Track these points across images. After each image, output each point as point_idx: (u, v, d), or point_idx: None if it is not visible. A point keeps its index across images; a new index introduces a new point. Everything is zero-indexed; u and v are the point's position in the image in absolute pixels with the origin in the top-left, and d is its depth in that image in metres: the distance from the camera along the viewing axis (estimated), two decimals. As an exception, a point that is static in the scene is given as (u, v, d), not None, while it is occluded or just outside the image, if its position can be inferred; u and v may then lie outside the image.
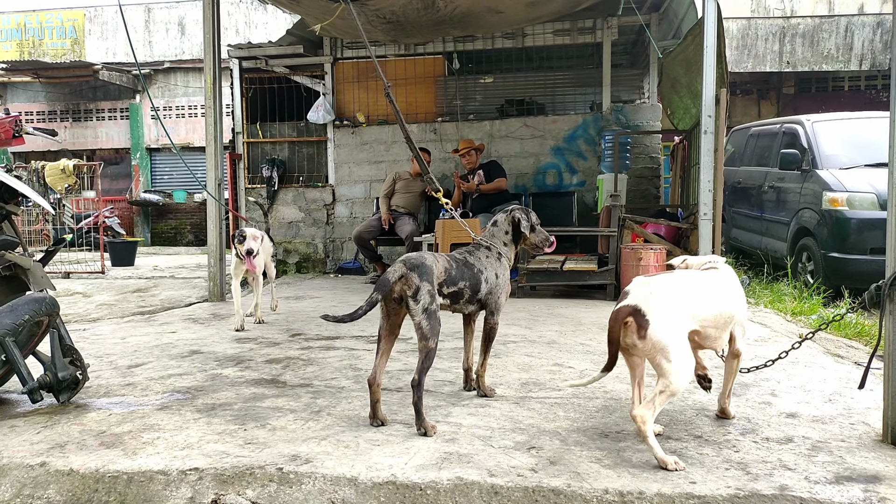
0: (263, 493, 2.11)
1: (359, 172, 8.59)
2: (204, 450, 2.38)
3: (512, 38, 8.25)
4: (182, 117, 16.15)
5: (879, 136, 5.52)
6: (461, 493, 2.06)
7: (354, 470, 2.19)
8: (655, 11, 7.90)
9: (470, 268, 2.83)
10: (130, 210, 15.34)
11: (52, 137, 3.90)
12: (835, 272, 6.06)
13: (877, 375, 3.27)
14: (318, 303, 6.06)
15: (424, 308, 2.56)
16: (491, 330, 2.97)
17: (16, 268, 3.09)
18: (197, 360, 3.78)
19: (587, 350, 3.92)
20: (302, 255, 8.83)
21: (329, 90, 8.65)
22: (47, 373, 2.83)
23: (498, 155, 8.12)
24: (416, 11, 6.30)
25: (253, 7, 15.65)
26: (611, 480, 2.09)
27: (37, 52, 16.32)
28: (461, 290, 2.78)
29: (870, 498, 1.97)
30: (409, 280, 2.57)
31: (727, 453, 2.31)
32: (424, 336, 2.55)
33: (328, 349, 4.06)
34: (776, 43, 13.27)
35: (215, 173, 6.17)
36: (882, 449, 2.34)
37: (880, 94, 13.70)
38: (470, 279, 2.80)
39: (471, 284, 2.81)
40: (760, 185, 7.81)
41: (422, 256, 2.67)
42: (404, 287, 2.57)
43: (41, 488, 2.20)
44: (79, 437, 2.55)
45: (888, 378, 2.43)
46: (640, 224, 6.33)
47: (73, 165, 10.41)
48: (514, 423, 2.63)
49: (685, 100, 7.13)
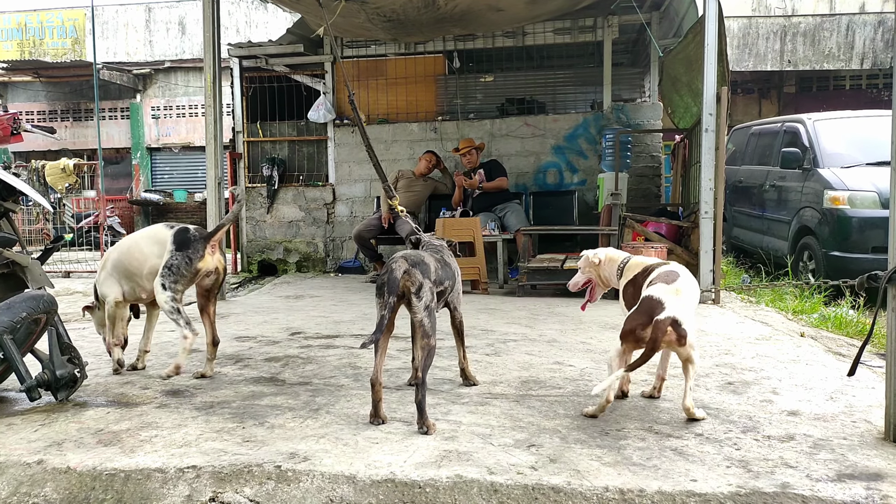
0: (261, 490, 2.10)
1: (359, 171, 8.58)
2: (202, 448, 2.37)
3: (512, 36, 8.23)
4: (182, 117, 16.17)
5: (881, 135, 5.50)
6: (460, 490, 2.05)
7: (353, 468, 2.17)
8: (656, 10, 7.88)
9: (448, 266, 2.84)
10: (131, 209, 15.34)
11: (51, 135, 3.89)
12: (836, 271, 6.04)
13: (879, 374, 3.26)
14: (318, 302, 6.05)
15: (426, 305, 2.57)
16: (461, 323, 3.10)
17: (14, 265, 3.08)
18: (195, 359, 3.76)
19: (588, 349, 3.91)
20: (302, 255, 8.82)
21: (329, 89, 8.64)
22: (45, 371, 2.82)
23: (498, 154, 8.11)
24: (416, 10, 6.29)
25: (253, 6, 15.65)
26: (611, 478, 2.07)
27: (37, 52, 16.33)
28: (445, 288, 2.80)
29: (872, 496, 1.95)
30: (413, 277, 2.56)
31: (728, 451, 2.29)
32: (426, 333, 2.55)
33: (327, 347, 4.05)
34: (777, 42, 13.26)
35: (215, 172, 6.15)
36: (884, 447, 2.33)
37: (881, 93, 13.68)
38: (450, 278, 2.82)
39: (451, 283, 2.84)
40: (762, 184, 7.79)
41: (419, 254, 2.67)
42: (407, 283, 2.56)
43: (38, 486, 2.19)
44: (76, 434, 2.54)
45: (890, 376, 2.41)
46: (641, 223, 6.31)
47: (73, 165, 10.41)
48: (514, 421, 2.62)
49: (686, 98, 7.11)
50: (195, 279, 3.24)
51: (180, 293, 3.20)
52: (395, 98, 8.63)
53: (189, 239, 3.19)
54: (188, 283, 3.24)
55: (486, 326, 4.63)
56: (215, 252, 3.28)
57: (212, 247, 3.25)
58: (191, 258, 3.15)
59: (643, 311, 2.53)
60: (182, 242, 3.18)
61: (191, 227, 3.30)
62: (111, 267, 3.40)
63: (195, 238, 3.20)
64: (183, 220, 15.13)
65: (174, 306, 3.16)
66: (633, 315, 2.58)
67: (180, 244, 3.17)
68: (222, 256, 3.36)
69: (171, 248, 3.18)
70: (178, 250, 3.16)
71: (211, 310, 3.40)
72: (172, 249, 3.17)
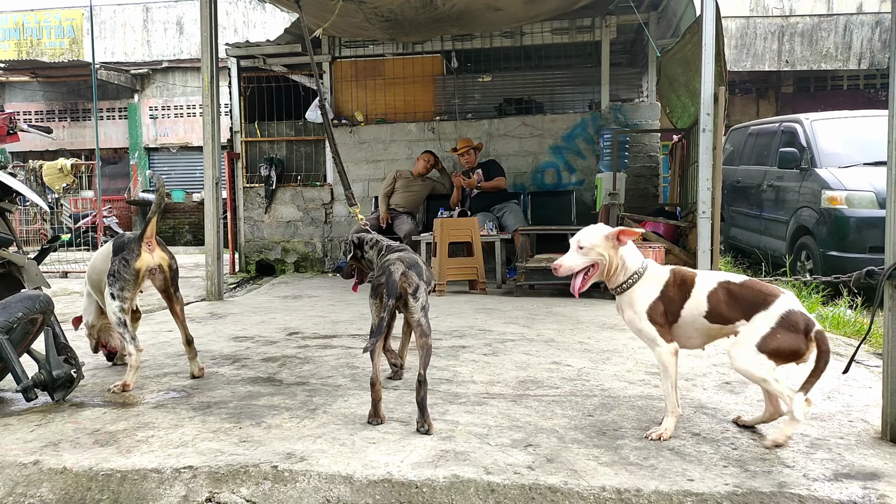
0: (258, 491, 2.10)
1: (357, 171, 8.57)
2: (198, 448, 2.37)
3: (510, 36, 8.23)
4: (180, 117, 16.16)
5: (878, 135, 5.52)
6: (457, 490, 2.04)
7: (350, 468, 2.17)
8: (654, 10, 7.89)
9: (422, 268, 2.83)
10: (129, 209, 15.33)
11: (48, 135, 3.89)
12: (834, 271, 6.03)
13: (875, 373, 3.26)
14: (316, 302, 6.04)
15: (423, 306, 2.60)
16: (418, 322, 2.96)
17: (10, 265, 3.08)
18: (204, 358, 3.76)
19: (585, 348, 3.91)
20: (300, 255, 8.81)
21: (327, 89, 8.63)
22: (42, 371, 2.81)
23: (496, 154, 8.11)
24: (413, 9, 6.29)
25: (251, 6, 15.65)
26: (608, 478, 2.07)
27: (35, 52, 16.31)
28: (425, 290, 2.78)
29: (869, 495, 1.95)
30: (410, 279, 2.60)
31: (725, 450, 2.29)
32: (424, 333, 2.57)
33: (325, 347, 4.04)
34: (775, 42, 13.28)
35: (213, 172, 6.15)
36: (881, 446, 2.33)
37: (879, 93, 13.70)
38: (428, 280, 2.81)
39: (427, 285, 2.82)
40: (759, 184, 7.80)
41: (412, 255, 2.69)
42: (405, 285, 2.58)
43: (34, 486, 2.18)
44: (73, 435, 2.53)
45: (887, 376, 2.42)
46: (639, 223, 6.31)
47: (70, 165, 10.39)
48: (512, 421, 2.62)
49: (683, 98, 7.11)
50: (139, 281, 3.16)
51: (128, 301, 3.13)
52: (393, 98, 8.63)
53: (123, 242, 3.17)
54: (134, 286, 3.15)
55: (484, 326, 4.62)
56: (154, 249, 3.20)
57: (147, 244, 3.18)
58: (127, 259, 3.11)
59: (790, 326, 2.24)
60: (117, 248, 3.16)
61: (126, 234, 3.30)
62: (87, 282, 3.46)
63: (129, 240, 3.18)
64: (181, 220, 15.14)
65: (122, 318, 3.10)
66: (781, 333, 2.24)
67: (116, 249, 3.15)
68: (164, 252, 3.27)
69: (111, 256, 3.16)
70: (114, 255, 3.14)
71: (177, 309, 3.34)
72: (112, 257, 3.15)
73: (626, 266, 2.47)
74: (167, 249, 3.32)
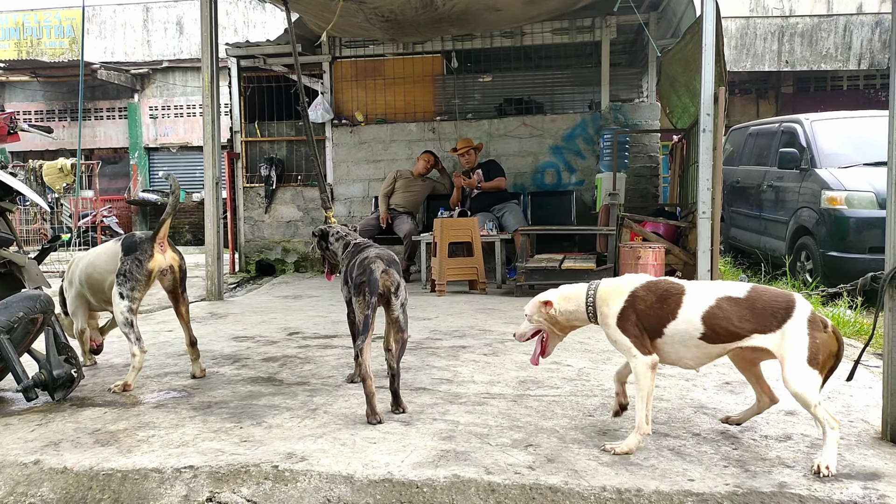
0: (258, 490, 2.10)
1: (357, 171, 8.57)
2: (199, 448, 2.37)
3: (510, 36, 8.23)
4: (181, 117, 16.15)
5: (878, 135, 5.51)
6: (458, 490, 2.05)
7: (350, 468, 2.17)
8: (654, 10, 7.88)
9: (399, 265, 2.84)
10: (129, 209, 15.32)
11: (48, 135, 3.90)
12: (833, 271, 6.04)
13: (876, 373, 3.26)
14: (316, 302, 6.04)
15: (402, 303, 2.71)
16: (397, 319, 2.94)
17: (11, 265, 3.08)
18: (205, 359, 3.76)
19: (585, 348, 3.91)
20: (300, 255, 8.81)
21: (327, 89, 8.63)
22: (42, 371, 2.82)
23: (496, 154, 8.11)
24: (414, 10, 6.29)
25: (251, 6, 15.65)
26: (608, 478, 2.07)
27: (35, 52, 16.30)
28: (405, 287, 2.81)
29: (869, 495, 1.96)
30: (392, 276, 2.68)
31: (725, 451, 2.30)
32: (402, 329, 2.71)
33: (326, 347, 4.05)
34: (775, 42, 13.28)
35: (213, 172, 6.15)
36: (881, 446, 2.33)
37: (879, 94, 13.70)
38: None
39: None
40: (759, 185, 7.80)
41: (389, 252, 2.76)
42: (387, 283, 2.66)
43: (35, 486, 2.18)
44: (73, 434, 2.53)
45: (887, 376, 2.42)
46: (639, 223, 6.31)
47: (70, 165, 10.39)
48: (512, 421, 2.62)
49: (684, 98, 7.11)
50: (150, 281, 3.18)
51: (137, 301, 3.14)
52: (394, 98, 8.63)
53: (136, 242, 3.17)
54: (144, 287, 3.16)
55: (484, 326, 4.62)
56: (166, 250, 3.22)
57: (160, 245, 3.19)
58: (140, 260, 3.11)
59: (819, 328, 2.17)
60: (129, 247, 3.15)
61: (137, 233, 3.30)
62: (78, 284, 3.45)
63: (141, 240, 3.18)
64: (181, 219, 15.13)
65: (129, 318, 3.10)
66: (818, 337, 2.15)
67: (128, 249, 3.15)
68: (175, 253, 3.29)
69: (121, 255, 3.15)
70: (126, 255, 3.13)
71: (182, 310, 3.35)
72: (122, 256, 3.14)
73: (571, 311, 2.43)
74: (177, 250, 3.33)
